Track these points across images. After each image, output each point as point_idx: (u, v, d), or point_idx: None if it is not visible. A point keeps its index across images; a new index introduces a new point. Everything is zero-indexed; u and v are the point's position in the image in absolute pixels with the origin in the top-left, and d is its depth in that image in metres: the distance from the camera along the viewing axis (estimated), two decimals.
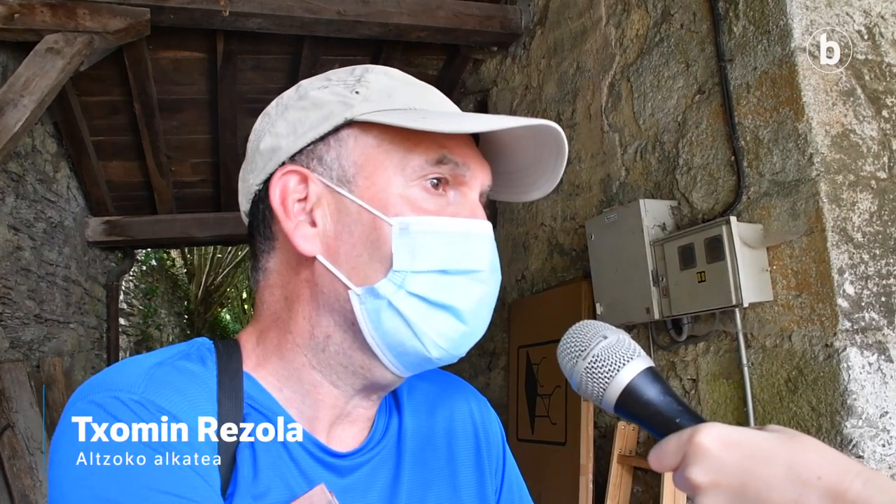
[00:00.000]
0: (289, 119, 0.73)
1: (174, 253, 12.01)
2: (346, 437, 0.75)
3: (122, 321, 7.07)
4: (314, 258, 0.70)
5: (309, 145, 0.72)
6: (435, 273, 0.68)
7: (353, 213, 0.69)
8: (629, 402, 0.61)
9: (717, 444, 0.53)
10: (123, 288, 7.24)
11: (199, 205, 6.06)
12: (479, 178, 0.73)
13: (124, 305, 7.44)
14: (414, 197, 0.69)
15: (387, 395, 0.81)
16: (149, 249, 8.96)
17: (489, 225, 0.73)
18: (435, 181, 0.70)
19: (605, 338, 0.63)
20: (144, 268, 9.18)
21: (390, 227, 0.68)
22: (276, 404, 0.72)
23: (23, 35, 3.40)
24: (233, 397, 0.68)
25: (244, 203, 0.78)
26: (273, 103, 0.77)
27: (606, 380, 0.62)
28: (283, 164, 0.72)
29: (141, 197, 5.83)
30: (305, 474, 0.69)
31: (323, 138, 0.71)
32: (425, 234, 0.68)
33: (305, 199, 0.71)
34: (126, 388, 0.63)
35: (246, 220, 0.78)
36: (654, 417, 0.60)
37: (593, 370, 0.62)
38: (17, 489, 3.31)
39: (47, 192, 4.73)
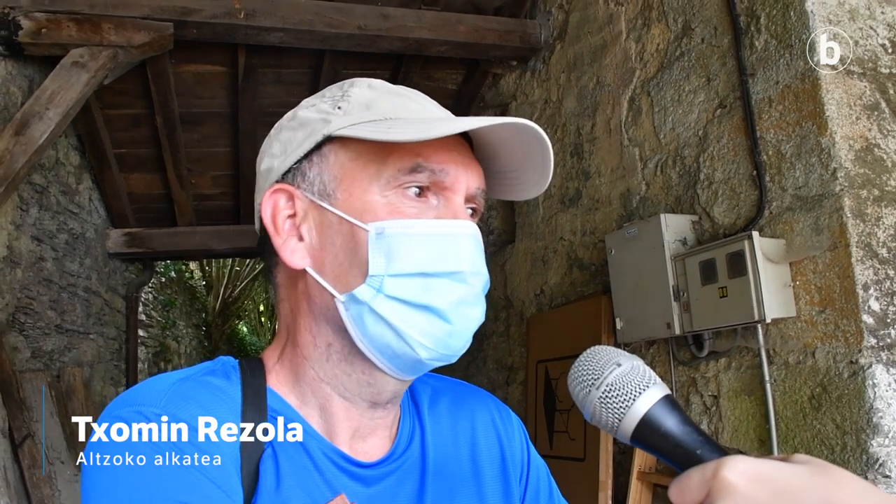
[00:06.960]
0: (281, 140, 0.77)
1: (193, 265, 12.09)
2: (369, 449, 0.76)
3: (140, 332, 7.11)
4: (305, 271, 0.73)
5: (296, 164, 0.75)
6: (415, 276, 0.69)
7: (335, 225, 0.71)
8: (646, 434, 0.58)
9: (743, 479, 0.49)
10: (143, 299, 7.29)
11: (218, 217, 6.11)
12: (462, 182, 0.73)
13: (143, 317, 7.48)
14: (393, 203, 0.70)
15: (409, 406, 0.81)
16: (168, 261, 9.03)
17: (470, 224, 0.73)
18: (417, 189, 0.71)
19: (619, 365, 0.61)
20: (164, 279, 9.23)
21: (367, 232, 0.69)
22: (301, 418, 0.73)
23: (49, 49, 3.46)
24: (258, 410, 0.70)
25: (256, 221, 0.80)
26: (276, 125, 0.81)
27: (622, 410, 0.59)
28: (276, 182, 0.75)
29: (161, 209, 5.88)
30: (330, 484, 0.70)
31: (307, 156, 0.74)
32: (401, 236, 0.69)
33: (294, 215, 0.74)
34: (149, 403, 0.65)
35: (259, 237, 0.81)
36: (674, 450, 0.57)
37: (608, 400, 0.59)
38: (36, 498, 3.33)
39: (70, 204, 4.78)
